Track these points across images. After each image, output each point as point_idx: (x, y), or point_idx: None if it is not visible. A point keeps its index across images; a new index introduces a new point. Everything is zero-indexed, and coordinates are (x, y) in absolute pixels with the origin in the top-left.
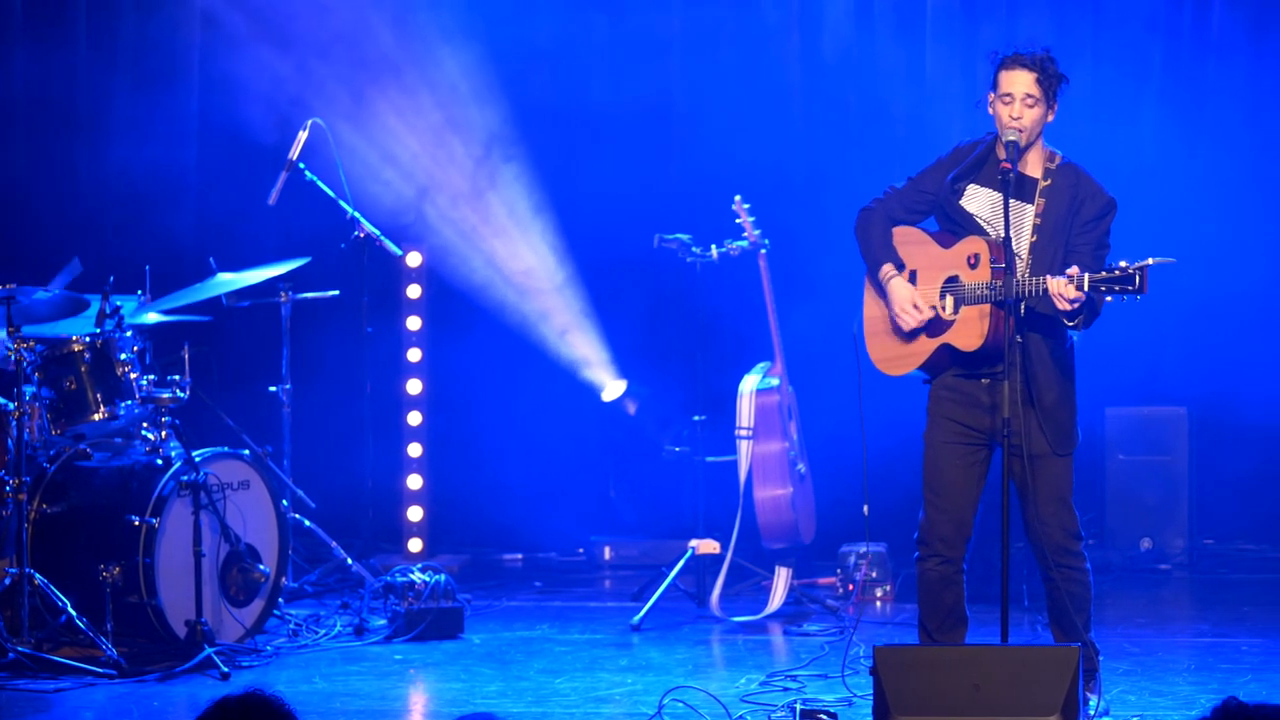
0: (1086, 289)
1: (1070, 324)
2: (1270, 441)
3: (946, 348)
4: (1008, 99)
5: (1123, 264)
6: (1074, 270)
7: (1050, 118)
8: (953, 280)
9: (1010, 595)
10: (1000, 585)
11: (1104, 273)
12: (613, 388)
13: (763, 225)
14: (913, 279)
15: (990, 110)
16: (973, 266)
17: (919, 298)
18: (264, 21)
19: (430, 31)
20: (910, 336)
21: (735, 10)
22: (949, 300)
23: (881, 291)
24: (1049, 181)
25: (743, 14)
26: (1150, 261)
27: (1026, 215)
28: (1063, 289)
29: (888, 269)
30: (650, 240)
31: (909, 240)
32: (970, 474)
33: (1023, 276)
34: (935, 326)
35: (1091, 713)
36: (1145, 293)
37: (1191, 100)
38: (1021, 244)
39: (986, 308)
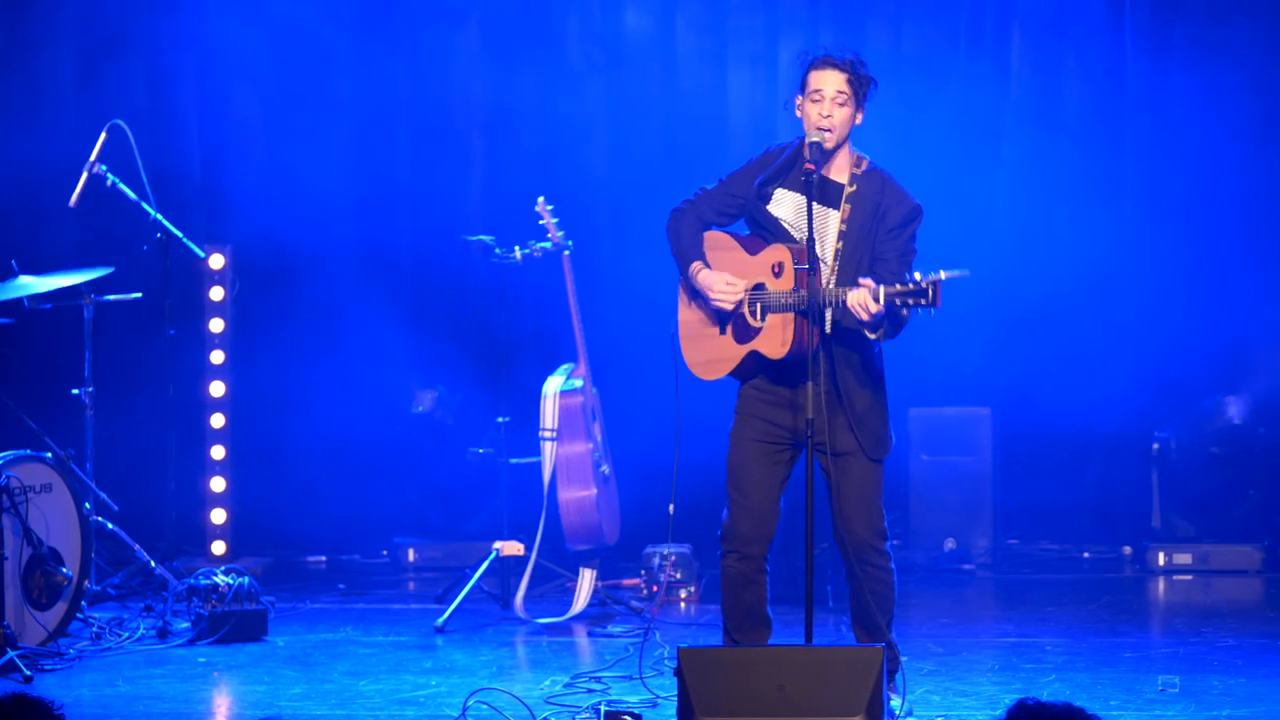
0: (882, 302)
1: (873, 335)
2: (1073, 441)
3: (755, 354)
4: (818, 97)
5: (916, 276)
6: (868, 282)
7: (859, 120)
8: (759, 288)
9: (815, 596)
10: (805, 586)
11: (897, 286)
12: (422, 399)
13: (566, 227)
14: None
15: (798, 113)
16: (777, 275)
17: (730, 275)
18: (62, 21)
19: (229, 32)
20: (721, 339)
21: (536, 13)
22: (756, 307)
23: (694, 293)
24: (854, 187)
25: (544, 17)
26: (942, 275)
27: (832, 221)
28: (863, 301)
29: (697, 265)
30: (455, 242)
31: (717, 246)
32: (774, 472)
33: (828, 284)
34: (744, 333)
35: (897, 712)
36: (939, 306)
37: (993, 105)
38: (827, 250)
39: (790, 315)
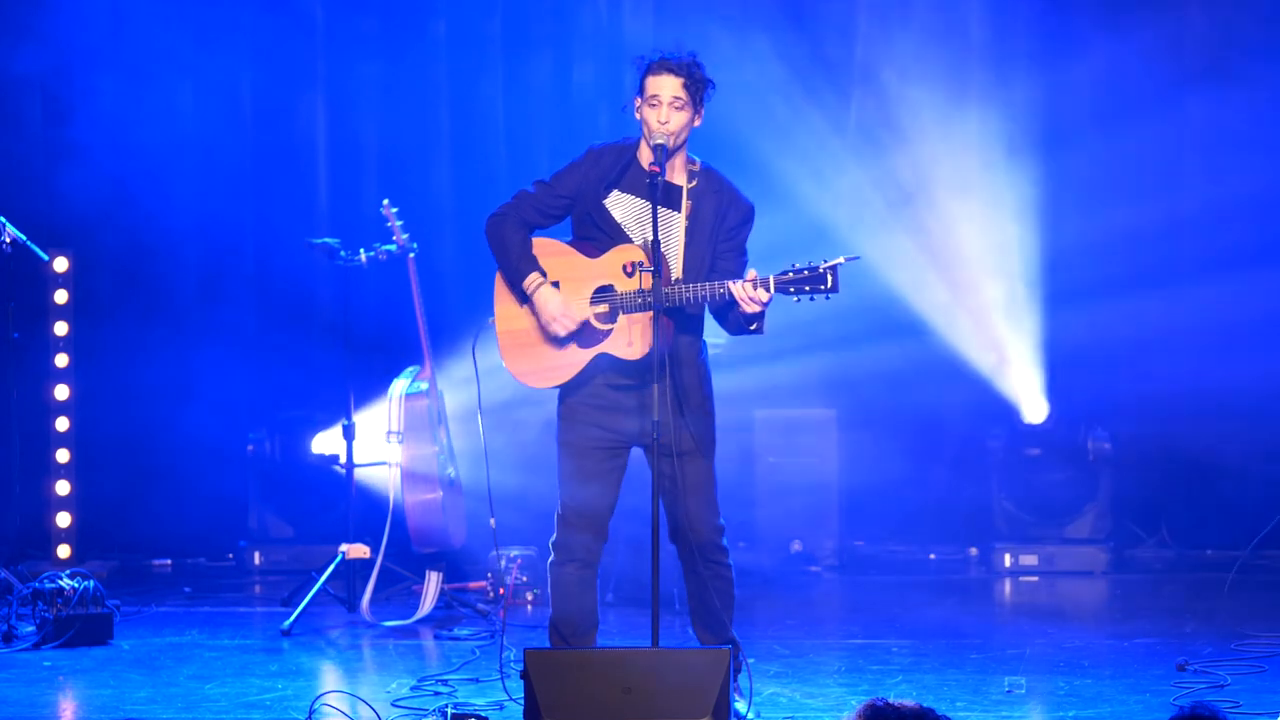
0: (774, 291)
1: (751, 327)
2: (916, 442)
3: (604, 357)
4: (655, 102)
5: (813, 264)
6: (753, 274)
7: (697, 122)
8: (606, 289)
9: (661, 599)
10: (651, 589)
11: (791, 274)
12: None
13: (411, 229)
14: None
15: (637, 115)
16: (630, 274)
17: (570, 305)
18: None
19: (72, 36)
20: (561, 346)
21: (380, 13)
22: (602, 309)
23: (524, 301)
24: (695, 183)
25: (388, 16)
26: (841, 260)
27: (676, 222)
28: (750, 293)
29: (533, 279)
30: (300, 244)
31: (549, 252)
32: (612, 480)
33: (676, 283)
34: (588, 337)
35: (743, 714)
36: (837, 291)
37: (836, 104)
38: (674, 251)
39: (648, 314)
